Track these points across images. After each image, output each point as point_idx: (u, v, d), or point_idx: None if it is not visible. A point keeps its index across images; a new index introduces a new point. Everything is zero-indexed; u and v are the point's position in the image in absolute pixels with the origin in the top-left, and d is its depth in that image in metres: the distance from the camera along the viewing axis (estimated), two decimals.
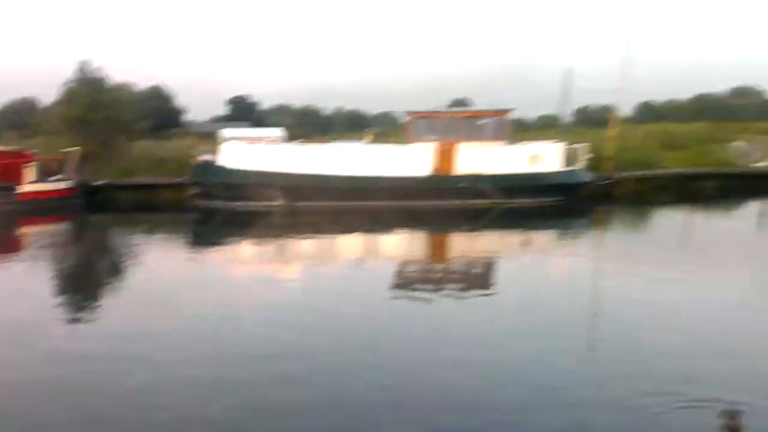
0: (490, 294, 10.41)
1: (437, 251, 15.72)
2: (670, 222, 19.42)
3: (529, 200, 20.89)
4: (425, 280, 11.66)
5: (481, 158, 21.35)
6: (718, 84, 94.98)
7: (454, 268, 13.28)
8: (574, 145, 22.48)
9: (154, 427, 5.39)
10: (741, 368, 6.53)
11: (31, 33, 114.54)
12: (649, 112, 75.15)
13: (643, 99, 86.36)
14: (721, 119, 55.26)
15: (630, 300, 9.46)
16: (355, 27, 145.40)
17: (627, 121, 50.19)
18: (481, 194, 20.79)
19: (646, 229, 18.68)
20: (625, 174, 24.23)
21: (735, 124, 49.57)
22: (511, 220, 18.98)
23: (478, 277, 11.98)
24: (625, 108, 74.70)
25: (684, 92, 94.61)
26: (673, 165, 27.21)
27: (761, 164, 28.32)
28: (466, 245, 16.21)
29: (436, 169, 21.52)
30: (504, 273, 12.15)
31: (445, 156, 21.51)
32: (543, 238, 17.08)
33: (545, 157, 21.66)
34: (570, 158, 22.19)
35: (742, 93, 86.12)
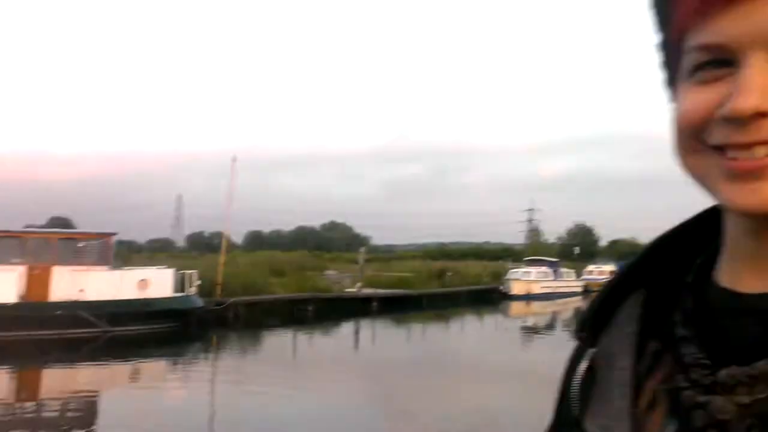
0: None
1: (25, 390, 13.39)
2: (279, 343, 20.59)
3: (138, 327, 19.77)
4: (5, 427, 9.75)
5: (81, 283, 19.68)
6: (315, 218, 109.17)
7: (46, 409, 11.45)
8: (186, 271, 22.68)
9: None
10: None
11: None
12: (257, 241, 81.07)
13: (253, 228, 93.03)
14: (317, 249, 63.22)
15: (247, 420, 9.57)
16: None
17: (238, 248, 53.11)
18: (82, 323, 18.86)
19: (257, 351, 19.39)
20: (235, 299, 25.06)
21: (328, 254, 57.21)
22: (119, 349, 17.56)
23: (76, 419, 10.57)
24: (236, 236, 79.03)
25: (287, 224, 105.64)
26: (279, 290, 29.41)
27: (351, 289, 32.66)
28: (64, 381, 14.23)
29: (26, 296, 18.88)
30: (110, 409, 11.02)
31: (38, 281, 19.12)
32: (155, 367, 16.20)
33: (155, 282, 21.13)
34: (181, 283, 22.18)
35: (333, 227, 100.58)
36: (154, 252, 47.98)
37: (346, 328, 25.07)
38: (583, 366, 0.59)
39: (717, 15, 0.45)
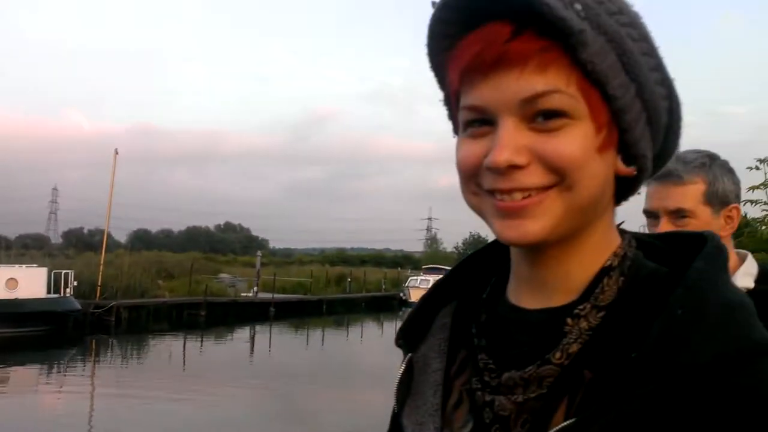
0: None
1: None
2: (166, 350, 19.55)
3: (6, 330, 18.32)
4: None
5: None
6: (208, 219, 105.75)
7: None
8: (62, 270, 21.51)
9: None
10: None
11: None
12: (144, 240, 77.24)
13: (139, 226, 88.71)
14: (211, 251, 61.11)
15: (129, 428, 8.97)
16: None
17: (121, 247, 50.32)
18: None
19: (142, 357, 18.34)
20: (118, 302, 23.74)
21: (223, 256, 55.48)
22: None
23: None
24: (120, 233, 75.17)
25: (177, 224, 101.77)
26: (167, 293, 28.16)
27: (247, 294, 31.84)
28: None
29: None
30: None
31: None
32: (25, 373, 14.90)
33: (25, 282, 19.76)
34: (56, 284, 20.93)
35: (228, 229, 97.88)
36: (26, 249, 44.57)
37: (242, 333, 24.36)
38: (401, 369, 0.69)
39: (477, 83, 0.56)
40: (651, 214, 1.49)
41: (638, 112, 0.58)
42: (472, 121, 0.58)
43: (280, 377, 14.61)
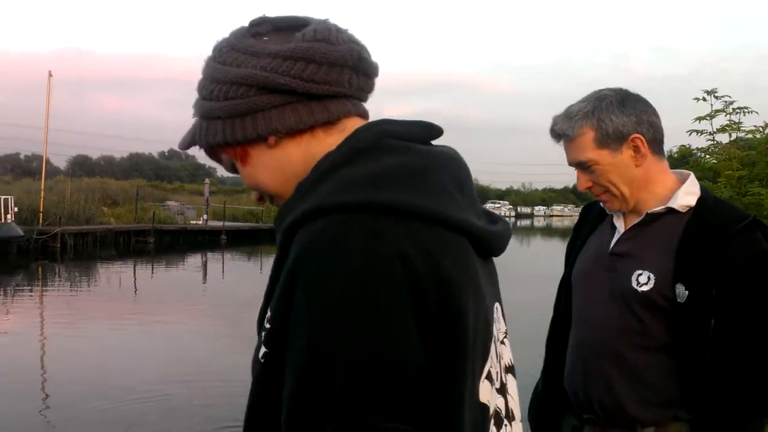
0: None
1: None
2: (116, 277, 19.60)
3: None
4: None
5: None
6: (152, 146, 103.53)
7: None
8: (0, 196, 21.09)
9: None
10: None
11: None
12: (85, 166, 75.21)
13: (77, 152, 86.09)
14: (156, 179, 60.21)
15: (82, 357, 9.19)
16: None
17: (61, 173, 49.13)
18: None
19: (91, 284, 18.35)
20: (62, 228, 23.50)
21: (170, 184, 54.74)
22: None
23: None
24: (59, 160, 73.08)
25: (119, 150, 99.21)
26: (112, 220, 27.97)
27: (197, 222, 31.78)
28: None
29: None
30: None
31: None
32: None
33: None
34: None
35: (173, 156, 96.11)
36: None
37: (193, 261, 24.48)
38: None
39: None
40: (572, 166, 1.61)
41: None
42: None
43: (236, 304, 14.88)
